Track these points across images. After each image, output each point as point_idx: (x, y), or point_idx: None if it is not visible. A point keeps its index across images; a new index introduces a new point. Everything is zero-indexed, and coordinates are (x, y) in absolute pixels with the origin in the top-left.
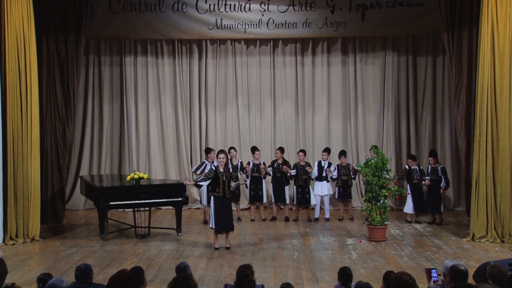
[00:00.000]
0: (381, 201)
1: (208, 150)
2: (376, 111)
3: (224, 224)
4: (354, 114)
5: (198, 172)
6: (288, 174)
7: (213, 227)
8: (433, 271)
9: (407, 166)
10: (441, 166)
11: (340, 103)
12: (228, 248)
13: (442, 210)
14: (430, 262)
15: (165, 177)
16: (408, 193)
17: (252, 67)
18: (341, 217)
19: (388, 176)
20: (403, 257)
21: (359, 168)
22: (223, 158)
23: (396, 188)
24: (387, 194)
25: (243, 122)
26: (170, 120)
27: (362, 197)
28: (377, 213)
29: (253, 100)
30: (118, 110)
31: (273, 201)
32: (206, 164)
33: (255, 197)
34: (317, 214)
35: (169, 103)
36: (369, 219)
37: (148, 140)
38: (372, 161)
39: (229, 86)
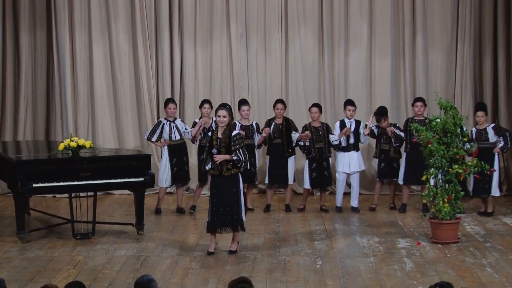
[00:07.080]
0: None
1: (166, 102)
2: (445, 43)
3: (224, 217)
4: (411, 49)
5: (153, 139)
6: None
7: (208, 220)
8: None
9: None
10: (492, 125)
11: (389, 32)
12: (232, 253)
13: (495, 194)
14: None
15: (118, 146)
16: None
17: None
18: (373, 205)
19: (465, 146)
20: (485, 267)
21: (417, 131)
22: (223, 116)
23: (475, 161)
24: (461, 171)
25: (238, 62)
26: (125, 58)
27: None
28: (445, 200)
29: (253, 29)
30: (44, 43)
31: (266, 182)
32: (163, 123)
33: (246, 174)
34: (339, 201)
35: (124, 32)
36: (433, 210)
37: (91, 90)
38: (438, 120)
39: (217, 7)
